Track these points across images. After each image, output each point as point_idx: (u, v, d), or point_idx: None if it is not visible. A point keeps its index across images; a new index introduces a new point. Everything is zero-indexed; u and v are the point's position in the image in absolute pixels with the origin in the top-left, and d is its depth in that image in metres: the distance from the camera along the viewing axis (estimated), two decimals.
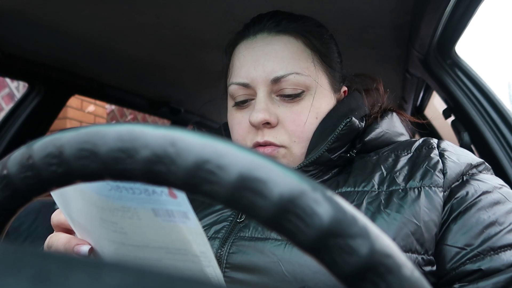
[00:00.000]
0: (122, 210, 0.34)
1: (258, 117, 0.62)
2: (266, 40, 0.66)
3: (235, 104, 0.68)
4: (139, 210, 0.33)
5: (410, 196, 0.55)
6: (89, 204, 0.36)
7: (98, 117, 2.94)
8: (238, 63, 0.67)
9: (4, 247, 0.16)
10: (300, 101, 0.64)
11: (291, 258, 0.53)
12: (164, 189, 0.31)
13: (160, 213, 0.33)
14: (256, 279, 0.54)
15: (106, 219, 0.36)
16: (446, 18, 0.87)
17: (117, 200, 0.33)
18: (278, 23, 0.67)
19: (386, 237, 0.22)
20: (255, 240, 0.57)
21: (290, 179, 0.21)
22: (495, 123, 0.98)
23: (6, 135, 1.35)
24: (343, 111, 0.66)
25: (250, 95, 0.66)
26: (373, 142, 0.65)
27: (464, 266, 0.51)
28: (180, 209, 0.32)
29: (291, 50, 0.65)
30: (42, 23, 1.02)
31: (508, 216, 0.53)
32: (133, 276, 0.15)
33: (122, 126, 0.24)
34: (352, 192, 0.59)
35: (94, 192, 0.34)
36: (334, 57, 0.71)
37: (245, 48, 0.67)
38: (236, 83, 0.66)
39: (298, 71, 0.64)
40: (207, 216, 0.64)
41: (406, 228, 0.53)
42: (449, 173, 0.56)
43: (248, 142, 0.66)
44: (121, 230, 0.36)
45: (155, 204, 0.32)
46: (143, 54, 1.26)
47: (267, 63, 0.64)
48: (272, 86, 0.64)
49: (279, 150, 0.64)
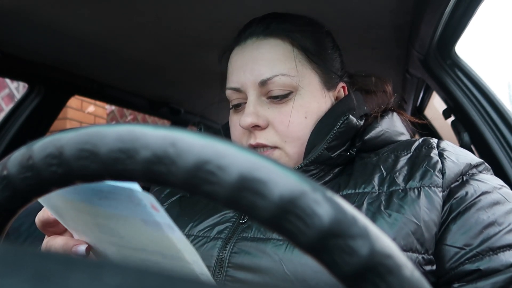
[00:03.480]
0: (115, 218, 0.34)
1: (246, 121, 0.64)
2: (255, 44, 0.68)
3: (232, 107, 0.71)
4: (129, 218, 0.33)
5: (410, 196, 0.55)
6: (82, 213, 0.36)
7: (98, 118, 2.94)
8: (231, 68, 0.70)
9: (4, 248, 0.16)
10: (288, 102, 0.65)
11: (292, 258, 0.54)
12: (146, 203, 0.31)
13: (149, 223, 0.33)
14: (258, 278, 0.55)
15: (102, 224, 0.36)
16: (446, 18, 0.87)
17: (108, 208, 0.34)
18: (267, 26, 0.68)
19: (386, 237, 0.22)
20: (257, 240, 0.58)
21: (290, 180, 0.21)
22: (495, 123, 0.98)
23: (6, 136, 1.35)
24: (341, 110, 0.66)
25: (243, 99, 0.68)
26: (373, 141, 0.66)
27: (463, 266, 0.51)
28: (164, 222, 0.32)
29: (277, 52, 0.66)
30: (42, 24, 1.02)
31: (507, 216, 0.53)
32: (133, 277, 0.15)
33: (122, 127, 0.24)
34: (353, 194, 0.60)
35: (85, 202, 0.34)
36: (328, 54, 0.70)
37: (236, 54, 0.70)
38: (229, 88, 0.69)
39: (284, 72, 0.64)
40: (210, 217, 0.65)
41: (407, 228, 0.53)
42: (448, 173, 0.56)
43: (243, 143, 0.68)
44: (118, 235, 0.37)
45: (142, 215, 0.32)
46: (143, 54, 1.26)
47: (255, 67, 0.65)
48: (261, 89, 0.65)
49: (273, 152, 0.65)
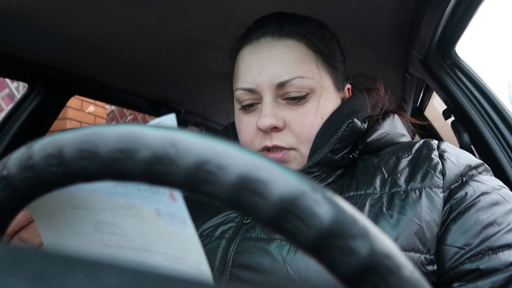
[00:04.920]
0: (126, 208, 0.34)
1: (266, 122, 0.63)
2: (269, 44, 0.67)
3: (242, 108, 0.69)
4: (143, 208, 0.33)
5: (412, 197, 0.56)
6: (81, 210, 0.36)
7: (98, 118, 2.94)
8: (243, 68, 0.68)
9: (4, 247, 0.16)
10: (305, 103, 0.65)
11: (296, 258, 0.54)
12: (166, 191, 0.31)
13: (162, 215, 0.33)
14: (261, 277, 0.55)
15: (105, 221, 0.36)
16: (446, 18, 0.87)
17: (122, 196, 0.33)
18: (281, 26, 0.67)
19: (386, 237, 0.22)
20: (261, 240, 0.58)
21: (290, 180, 0.21)
22: (495, 123, 0.98)
23: (6, 136, 1.35)
24: (346, 112, 0.67)
25: (256, 99, 0.67)
26: (375, 143, 0.66)
27: (463, 266, 0.52)
28: (179, 214, 0.32)
29: (294, 54, 0.66)
30: (42, 24, 1.02)
31: (506, 216, 0.54)
32: (133, 277, 0.15)
33: (122, 127, 0.24)
34: (355, 195, 0.60)
35: (95, 192, 0.34)
36: (337, 56, 0.71)
37: (249, 53, 0.68)
38: (242, 88, 0.67)
39: (302, 75, 0.64)
40: (214, 217, 0.65)
41: (409, 228, 0.53)
42: (448, 174, 0.57)
43: (256, 145, 0.67)
44: (121, 232, 0.36)
45: (158, 204, 0.32)
46: (143, 54, 1.26)
47: (271, 68, 0.65)
48: (277, 91, 0.65)
49: (289, 153, 0.65)
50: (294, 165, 0.66)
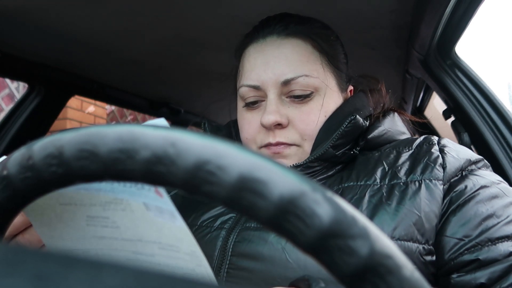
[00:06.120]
0: (114, 203, 0.34)
1: (270, 119, 0.64)
2: (275, 43, 0.67)
3: (245, 105, 0.70)
4: (131, 202, 0.33)
5: (411, 188, 0.57)
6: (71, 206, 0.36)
7: (98, 118, 2.94)
8: (249, 65, 0.69)
9: (4, 247, 0.16)
10: (309, 102, 0.66)
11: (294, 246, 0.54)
12: (151, 187, 0.31)
13: (151, 208, 0.33)
14: (260, 266, 0.56)
15: (96, 215, 0.36)
16: (446, 19, 0.87)
17: (109, 192, 0.33)
18: (286, 26, 0.68)
19: (386, 237, 0.22)
20: (260, 229, 0.59)
21: (290, 180, 0.21)
22: (495, 123, 0.98)
23: (6, 136, 1.35)
24: (349, 110, 0.68)
25: (261, 97, 0.68)
26: (376, 140, 0.67)
27: (462, 257, 0.53)
28: (167, 208, 0.32)
29: (300, 53, 0.66)
30: (42, 24, 1.02)
31: (505, 209, 0.55)
32: (133, 277, 0.15)
33: (122, 127, 0.24)
34: (354, 186, 0.61)
35: (82, 189, 0.34)
36: (341, 58, 0.73)
37: (255, 51, 0.69)
38: (247, 85, 0.68)
39: (307, 73, 0.65)
40: (214, 208, 0.66)
41: (408, 218, 0.55)
42: (449, 167, 0.58)
43: (258, 141, 0.68)
44: (113, 225, 0.36)
45: (146, 198, 0.32)
46: (143, 55, 1.26)
47: (277, 66, 0.66)
48: (282, 88, 0.66)
49: (290, 148, 0.66)
50: (294, 160, 0.67)
